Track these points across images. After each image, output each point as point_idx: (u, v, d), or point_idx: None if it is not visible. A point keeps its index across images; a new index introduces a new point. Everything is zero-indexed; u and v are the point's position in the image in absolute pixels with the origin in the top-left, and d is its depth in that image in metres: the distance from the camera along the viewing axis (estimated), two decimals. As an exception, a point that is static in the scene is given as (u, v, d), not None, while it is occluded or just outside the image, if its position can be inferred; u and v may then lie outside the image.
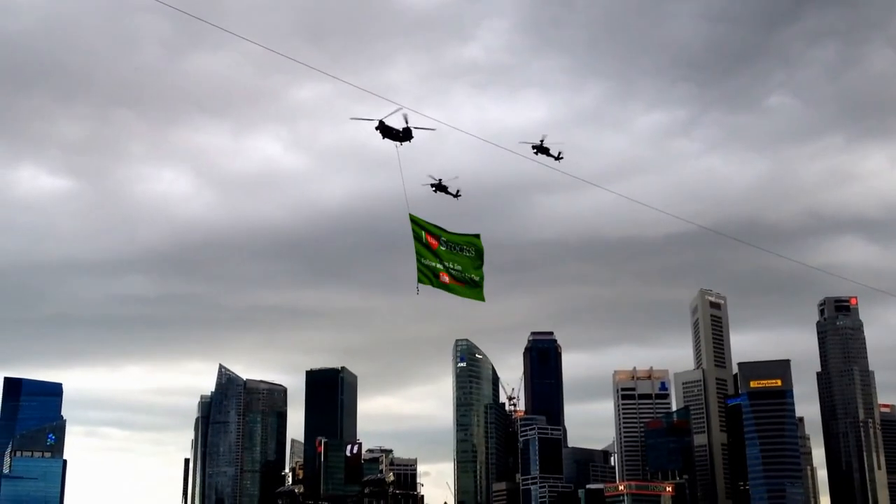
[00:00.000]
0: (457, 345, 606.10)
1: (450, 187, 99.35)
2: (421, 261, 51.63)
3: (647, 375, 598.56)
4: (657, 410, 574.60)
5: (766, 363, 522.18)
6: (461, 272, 52.95)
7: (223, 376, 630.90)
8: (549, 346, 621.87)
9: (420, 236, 51.96)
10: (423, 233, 52.09)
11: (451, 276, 52.55)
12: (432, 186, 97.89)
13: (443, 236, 52.75)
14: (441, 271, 52.23)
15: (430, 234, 52.37)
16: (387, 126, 68.92)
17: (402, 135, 69.33)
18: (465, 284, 53.23)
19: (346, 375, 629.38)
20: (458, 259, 53.00)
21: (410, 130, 69.35)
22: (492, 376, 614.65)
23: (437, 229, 52.68)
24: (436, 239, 52.37)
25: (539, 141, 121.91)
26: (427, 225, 52.32)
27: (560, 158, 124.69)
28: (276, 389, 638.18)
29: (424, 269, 51.74)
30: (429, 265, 51.85)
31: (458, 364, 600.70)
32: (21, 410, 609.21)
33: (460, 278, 52.91)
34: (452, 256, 52.81)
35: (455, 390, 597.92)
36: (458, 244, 53.21)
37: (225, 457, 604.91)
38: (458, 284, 52.78)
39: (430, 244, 52.11)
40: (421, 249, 51.73)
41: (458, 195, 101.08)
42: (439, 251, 52.40)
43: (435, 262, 52.13)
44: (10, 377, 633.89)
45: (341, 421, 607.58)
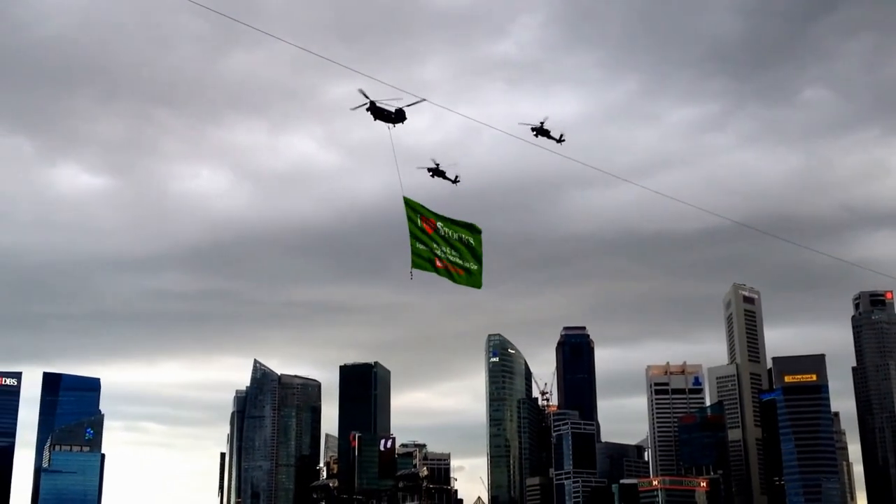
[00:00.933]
0: (489, 339, 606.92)
1: (447, 172, 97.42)
2: (416, 245, 49.56)
3: (680, 370, 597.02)
4: (691, 405, 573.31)
5: (801, 358, 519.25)
6: (458, 258, 50.93)
7: (258, 371, 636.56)
8: (581, 341, 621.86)
9: (415, 220, 49.89)
10: (419, 217, 50.08)
11: (448, 262, 50.57)
12: (429, 171, 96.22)
13: (440, 221, 50.69)
14: (437, 257, 50.25)
15: (426, 218, 50.35)
16: (378, 107, 67.79)
17: (394, 116, 68.08)
18: (463, 271, 51.07)
19: (379, 370, 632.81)
20: (456, 245, 50.98)
21: (403, 112, 67.95)
22: (524, 371, 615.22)
23: (433, 214, 50.64)
24: (431, 224, 50.38)
25: (539, 123, 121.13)
26: (422, 209, 50.33)
27: (562, 141, 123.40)
28: (311, 384, 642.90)
29: (420, 253, 49.69)
30: (424, 250, 49.82)
31: (491, 359, 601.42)
32: (60, 405, 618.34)
33: (457, 264, 50.86)
34: (449, 242, 50.79)
35: (488, 385, 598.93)
36: (456, 230, 51.22)
37: (260, 451, 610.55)
38: (455, 271, 50.75)
39: (426, 229, 50.11)
40: (416, 233, 49.73)
41: (456, 181, 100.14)
42: (435, 236, 50.38)
43: (431, 246, 50.10)
44: (49, 372, 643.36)
45: (375, 416, 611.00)
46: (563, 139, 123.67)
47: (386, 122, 67.62)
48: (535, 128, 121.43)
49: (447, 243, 50.50)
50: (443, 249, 50.28)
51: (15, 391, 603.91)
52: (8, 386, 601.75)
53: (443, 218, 50.66)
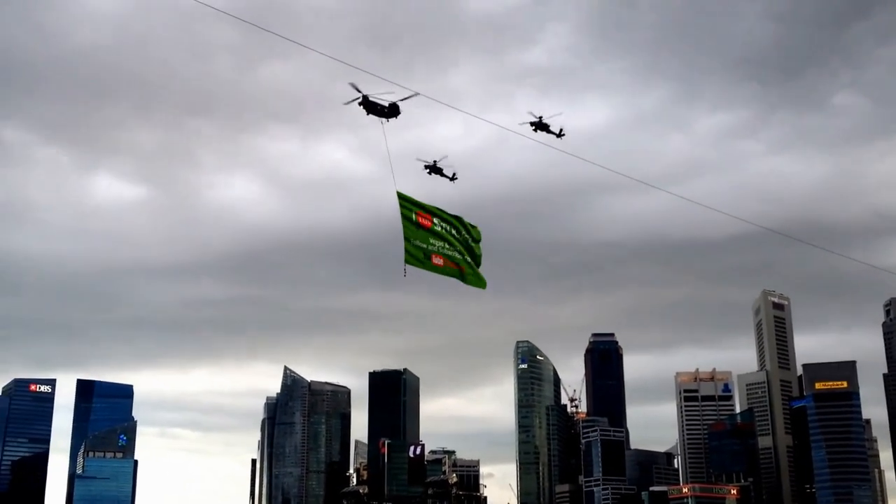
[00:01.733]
0: (518, 346, 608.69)
1: (445, 170, 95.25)
2: (410, 241, 46.80)
3: (709, 377, 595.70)
4: (720, 412, 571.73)
5: (832, 364, 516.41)
6: (458, 254, 48.47)
7: (288, 378, 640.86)
8: (610, 348, 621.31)
9: (410, 215, 47.38)
10: (414, 212, 47.56)
11: (447, 258, 47.99)
12: (426, 168, 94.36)
13: (436, 216, 48.24)
14: (434, 252, 47.57)
15: (422, 213, 47.82)
16: (371, 101, 65.67)
17: (387, 111, 66.12)
18: (463, 268, 48.68)
19: (408, 377, 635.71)
20: (455, 241, 48.55)
21: (398, 106, 65.80)
22: (553, 378, 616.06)
23: (430, 209, 48.27)
24: (428, 219, 47.87)
25: (538, 118, 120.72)
26: (418, 204, 48.00)
27: (561, 136, 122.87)
28: (340, 391, 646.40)
29: (414, 249, 46.92)
30: (419, 246, 47.10)
31: (520, 366, 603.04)
32: (93, 412, 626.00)
33: (457, 260, 48.40)
34: (448, 237, 48.33)
35: (516, 392, 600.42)
36: (455, 226, 48.91)
37: (291, 457, 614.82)
38: (453, 267, 48.24)
39: (423, 224, 47.58)
40: (410, 229, 47.10)
41: (454, 178, 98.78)
42: (432, 231, 47.86)
43: (427, 242, 47.48)
44: (83, 379, 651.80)
45: (404, 422, 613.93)
46: (562, 134, 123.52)
47: (379, 116, 66.00)
48: (534, 122, 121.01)
49: (444, 238, 48.25)
50: (440, 245, 47.96)
51: (49, 398, 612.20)
52: (42, 393, 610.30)
53: (440, 212, 48.61)
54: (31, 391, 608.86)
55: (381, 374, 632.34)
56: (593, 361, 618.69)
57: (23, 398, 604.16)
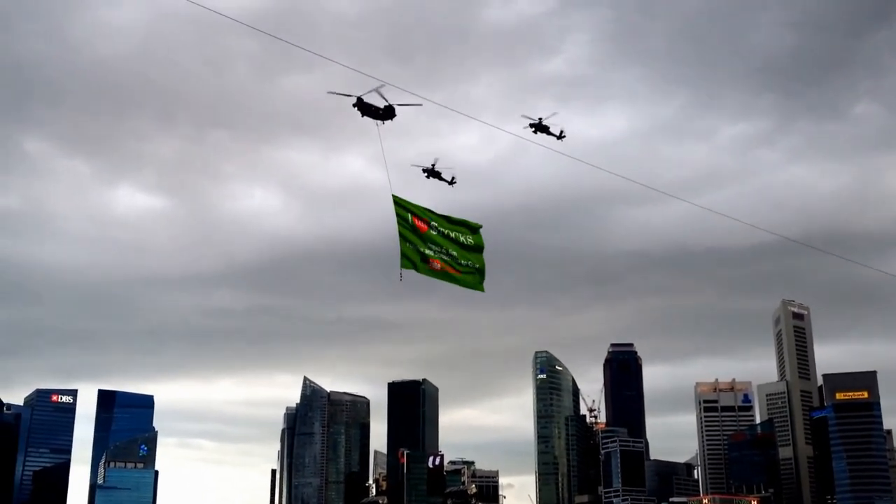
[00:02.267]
0: (536, 356, 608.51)
1: (443, 173, 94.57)
2: (406, 245, 46.12)
3: (729, 387, 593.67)
4: (740, 423, 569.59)
5: (852, 375, 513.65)
6: (456, 258, 47.29)
7: (308, 388, 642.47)
8: (629, 358, 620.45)
9: (405, 219, 46.57)
10: (410, 215, 46.71)
11: (444, 262, 47.01)
12: (424, 171, 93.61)
13: (433, 220, 47.31)
14: (431, 257, 46.67)
15: (418, 216, 46.91)
16: (365, 103, 64.61)
17: (382, 112, 64.97)
18: (461, 272, 47.51)
19: (427, 387, 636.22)
20: (452, 245, 47.48)
21: (393, 108, 64.62)
22: (572, 388, 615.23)
23: (426, 212, 47.26)
24: (425, 222, 46.99)
25: (538, 119, 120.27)
26: (414, 207, 46.99)
27: (562, 137, 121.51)
28: (360, 401, 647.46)
29: (410, 253, 46.18)
30: (416, 250, 46.35)
31: (538, 376, 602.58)
32: (115, 422, 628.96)
33: (455, 265, 47.26)
34: (445, 241, 47.26)
35: (535, 402, 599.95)
36: (453, 229, 47.76)
37: (310, 468, 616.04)
38: (452, 271, 47.18)
39: (419, 227, 46.69)
40: (406, 233, 46.35)
41: (452, 182, 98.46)
42: (429, 235, 46.93)
43: (423, 246, 46.62)
44: (105, 389, 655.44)
45: (423, 433, 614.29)
46: (563, 136, 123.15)
47: (374, 118, 64.77)
48: (534, 124, 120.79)
49: (442, 242, 47.29)
50: (436, 249, 47.07)
51: (71, 408, 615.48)
52: (64, 403, 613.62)
53: (437, 216, 47.65)
54: (52, 402, 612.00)
55: (400, 385, 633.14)
56: (612, 372, 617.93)
57: (44, 409, 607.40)
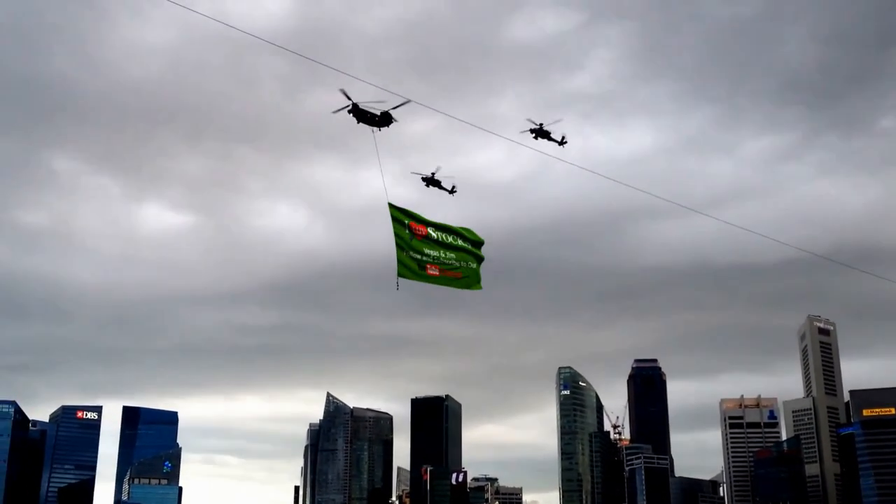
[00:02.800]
0: (560, 372, 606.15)
1: (443, 182, 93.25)
2: (403, 253, 45.41)
3: (755, 404, 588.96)
4: (766, 439, 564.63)
5: (880, 391, 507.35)
6: (455, 261, 46.86)
7: (331, 404, 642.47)
8: (653, 374, 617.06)
9: (403, 226, 45.85)
10: (407, 220, 46.03)
11: (443, 268, 46.51)
12: (423, 180, 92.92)
13: (430, 227, 46.65)
14: (429, 262, 46.12)
15: (416, 224, 46.17)
16: (361, 109, 63.91)
17: (378, 119, 64.16)
18: (460, 275, 47.12)
19: (450, 403, 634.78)
20: (450, 249, 46.95)
21: (390, 115, 63.94)
22: (596, 404, 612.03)
23: (424, 220, 46.61)
24: (422, 229, 46.37)
25: (538, 125, 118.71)
26: (411, 215, 46.28)
27: (564, 143, 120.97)
28: (383, 417, 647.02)
29: (407, 261, 45.53)
30: (413, 257, 45.67)
31: (562, 392, 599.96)
32: (139, 438, 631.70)
33: (454, 268, 46.90)
34: (443, 247, 46.76)
35: (559, 418, 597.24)
36: (451, 234, 47.31)
37: (333, 484, 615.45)
38: (450, 275, 46.77)
39: (417, 234, 46.05)
40: (403, 240, 45.65)
41: (453, 191, 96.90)
42: (428, 240, 46.41)
43: (421, 253, 45.97)
44: (129, 406, 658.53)
45: (446, 449, 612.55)
46: (564, 141, 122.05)
47: (370, 125, 64.12)
48: (535, 129, 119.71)
49: (440, 247, 46.77)
50: (435, 254, 46.50)
51: (96, 425, 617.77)
52: (89, 420, 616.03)
53: (436, 224, 47.07)
54: (77, 418, 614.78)
55: (423, 401, 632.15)
56: (636, 387, 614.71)
57: (70, 425, 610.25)
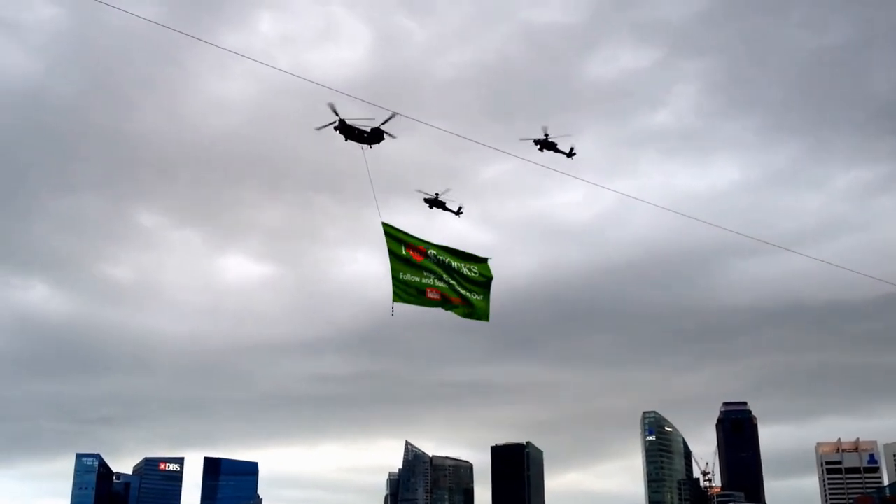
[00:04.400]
0: (644, 417, 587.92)
1: (448, 203, 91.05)
2: (399, 276, 42.86)
3: (853, 447, 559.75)
4: (867, 485, 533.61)
5: None
6: (454, 287, 43.94)
7: (410, 453, 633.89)
8: (743, 418, 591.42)
9: (398, 249, 43.53)
10: (403, 245, 43.59)
11: (443, 291, 43.70)
12: (426, 202, 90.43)
13: (431, 248, 44.04)
14: (428, 287, 43.46)
15: (413, 246, 43.67)
16: (348, 126, 61.49)
17: (367, 136, 61.96)
18: (462, 301, 44.23)
19: (531, 451, 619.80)
20: (452, 274, 44.15)
21: (381, 131, 61.69)
22: (683, 450, 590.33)
23: (421, 241, 44.07)
24: (421, 252, 43.76)
25: (543, 135, 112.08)
26: (408, 237, 43.92)
27: (573, 155, 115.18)
28: (463, 466, 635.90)
29: (403, 286, 42.96)
30: (410, 281, 43.07)
31: (647, 437, 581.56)
32: (220, 490, 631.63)
33: (454, 293, 43.90)
34: (443, 270, 44.01)
35: (645, 465, 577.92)
36: (455, 259, 44.43)
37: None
38: (452, 300, 43.96)
39: (414, 257, 43.45)
40: (398, 264, 43.23)
41: (459, 212, 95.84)
42: (425, 263, 43.72)
43: (419, 277, 43.42)
44: (211, 457, 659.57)
45: (529, 498, 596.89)
46: (573, 153, 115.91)
47: (359, 142, 61.97)
48: (539, 140, 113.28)
49: (441, 270, 43.84)
50: (434, 278, 43.62)
51: (178, 476, 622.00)
52: (171, 472, 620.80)
53: (438, 246, 44.16)
54: (160, 470, 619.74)
55: (503, 448, 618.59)
56: (725, 432, 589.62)
57: (153, 477, 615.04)
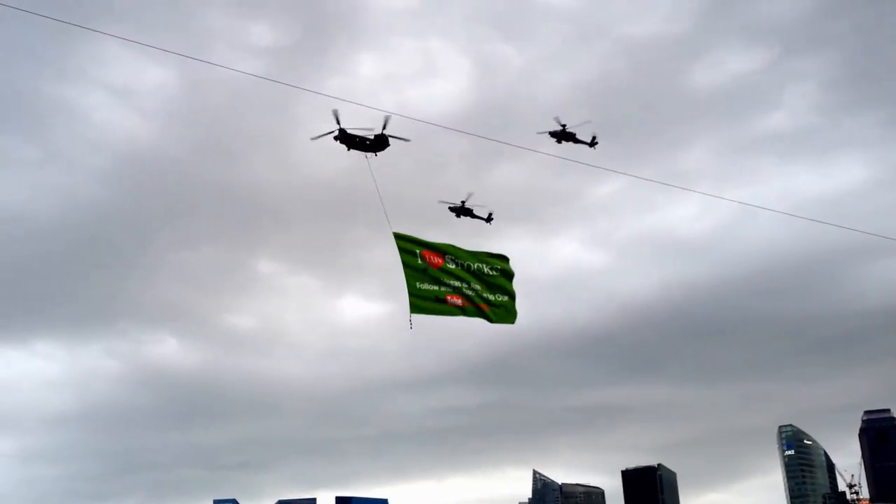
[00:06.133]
0: (781, 431, 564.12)
1: (476, 210, 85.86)
2: (416, 286, 40.58)
3: None
4: None
5: None
6: (480, 292, 42.01)
7: (538, 482, 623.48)
8: (888, 425, 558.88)
9: (413, 257, 41.17)
10: (419, 250, 41.31)
11: (466, 298, 41.66)
12: (451, 210, 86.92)
13: (450, 252, 42.01)
14: (449, 293, 41.41)
15: (430, 252, 41.42)
16: (348, 134, 58.35)
17: (369, 144, 59.12)
18: (487, 307, 42.31)
19: (664, 473, 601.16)
20: (474, 278, 42.20)
21: (385, 138, 58.81)
22: (825, 463, 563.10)
23: (439, 246, 41.84)
24: (439, 256, 41.62)
25: (560, 127, 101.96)
26: (423, 243, 41.59)
27: (595, 144, 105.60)
28: (594, 492, 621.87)
29: (421, 294, 40.63)
30: (428, 289, 40.85)
31: (786, 452, 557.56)
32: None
33: (479, 300, 41.95)
34: (466, 274, 42.03)
35: (786, 481, 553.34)
36: (475, 260, 42.42)
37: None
38: (476, 307, 41.91)
39: (431, 264, 41.29)
40: (415, 273, 40.91)
41: (489, 219, 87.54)
42: (446, 269, 41.67)
43: (438, 284, 41.31)
44: (341, 496, 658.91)
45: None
46: (595, 142, 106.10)
47: (362, 150, 58.90)
48: (555, 132, 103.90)
49: (462, 275, 42.18)
50: (457, 284, 41.94)
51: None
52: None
53: (456, 249, 42.35)
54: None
55: (634, 472, 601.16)
56: (870, 442, 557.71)
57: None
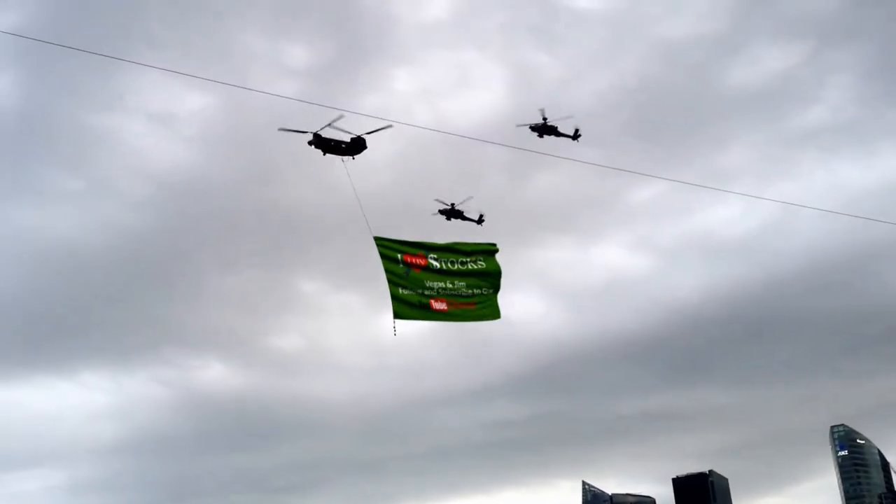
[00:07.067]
0: (833, 431, 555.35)
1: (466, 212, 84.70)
2: (399, 292, 40.68)
3: None
4: None
5: None
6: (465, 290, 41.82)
7: (588, 493, 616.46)
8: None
9: (394, 261, 41.06)
10: (400, 254, 41.19)
11: (451, 299, 41.51)
12: (442, 213, 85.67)
13: (432, 252, 41.84)
14: (433, 297, 41.31)
15: (411, 254, 41.28)
16: (323, 138, 56.50)
17: (346, 147, 57.11)
18: (474, 304, 42.22)
19: (715, 479, 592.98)
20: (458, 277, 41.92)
21: (363, 140, 56.63)
22: (880, 462, 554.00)
23: (422, 246, 41.59)
24: (421, 257, 41.40)
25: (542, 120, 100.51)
26: (404, 246, 41.25)
27: (578, 137, 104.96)
28: (645, 501, 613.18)
29: (404, 300, 40.75)
30: (411, 296, 40.88)
31: (839, 453, 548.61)
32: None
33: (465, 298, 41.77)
34: (449, 276, 41.78)
35: (840, 482, 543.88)
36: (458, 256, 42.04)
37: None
38: (462, 307, 41.81)
39: (413, 266, 41.15)
40: (397, 277, 40.96)
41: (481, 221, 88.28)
42: (429, 270, 41.55)
43: (422, 287, 41.20)
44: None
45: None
46: (578, 135, 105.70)
47: (338, 154, 57.37)
48: (537, 126, 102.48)
49: (446, 276, 42.16)
50: (441, 285, 41.88)
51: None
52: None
53: (438, 247, 42.35)
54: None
55: (685, 479, 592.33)
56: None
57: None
